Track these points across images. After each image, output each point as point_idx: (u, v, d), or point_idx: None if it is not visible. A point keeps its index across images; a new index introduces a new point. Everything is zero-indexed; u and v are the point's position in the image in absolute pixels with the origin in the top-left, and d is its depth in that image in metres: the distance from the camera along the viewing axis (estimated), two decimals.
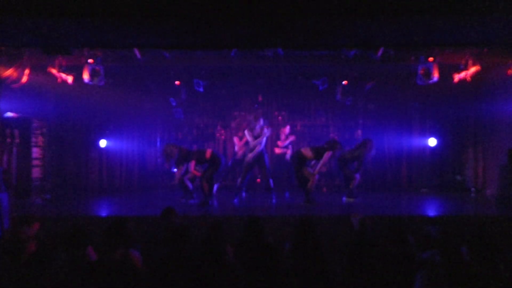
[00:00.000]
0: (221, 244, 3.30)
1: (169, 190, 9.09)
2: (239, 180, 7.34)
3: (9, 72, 6.54)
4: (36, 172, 8.35)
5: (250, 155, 7.13)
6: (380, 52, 7.05)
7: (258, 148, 7.08)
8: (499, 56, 6.95)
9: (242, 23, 4.50)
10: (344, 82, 8.59)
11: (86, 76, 7.24)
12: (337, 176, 9.24)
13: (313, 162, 6.99)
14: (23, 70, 6.85)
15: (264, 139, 7.14)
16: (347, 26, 4.67)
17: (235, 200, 7.03)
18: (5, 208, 5.23)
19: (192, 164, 6.91)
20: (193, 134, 9.83)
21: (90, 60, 7.21)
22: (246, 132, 7.31)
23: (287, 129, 8.73)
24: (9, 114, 7.50)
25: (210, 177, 6.83)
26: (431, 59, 7.19)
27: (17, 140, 7.54)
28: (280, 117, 9.91)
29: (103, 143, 9.42)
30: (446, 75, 7.43)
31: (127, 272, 3.14)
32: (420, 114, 9.55)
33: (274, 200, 7.13)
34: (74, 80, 7.56)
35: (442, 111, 9.20)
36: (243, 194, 7.85)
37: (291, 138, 8.60)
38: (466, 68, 7.33)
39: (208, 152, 6.91)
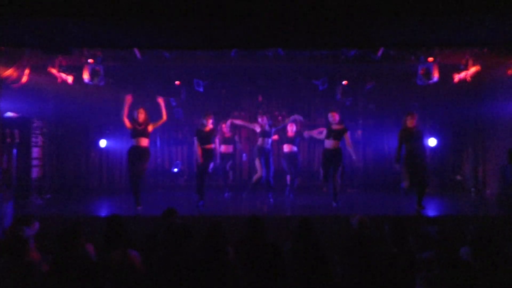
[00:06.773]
0: (221, 244, 3.30)
1: (169, 190, 9.08)
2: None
3: (9, 72, 6.53)
4: (36, 172, 8.35)
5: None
6: (380, 52, 7.05)
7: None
8: (499, 56, 6.95)
9: (242, 23, 4.50)
10: (344, 82, 8.58)
11: (86, 76, 7.24)
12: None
13: None
14: (23, 70, 6.83)
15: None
16: (347, 26, 4.68)
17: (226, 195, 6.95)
18: None
19: None
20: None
21: (90, 60, 7.21)
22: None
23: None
24: (9, 114, 7.50)
25: None
26: (431, 59, 7.19)
27: (17, 140, 7.52)
28: (280, 117, 9.88)
29: (103, 143, 9.41)
30: (446, 75, 7.43)
31: (126, 272, 3.14)
32: (420, 114, 9.53)
33: (272, 200, 7.14)
34: (74, 80, 7.56)
35: (442, 111, 9.18)
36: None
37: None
38: (466, 68, 7.33)
39: None
